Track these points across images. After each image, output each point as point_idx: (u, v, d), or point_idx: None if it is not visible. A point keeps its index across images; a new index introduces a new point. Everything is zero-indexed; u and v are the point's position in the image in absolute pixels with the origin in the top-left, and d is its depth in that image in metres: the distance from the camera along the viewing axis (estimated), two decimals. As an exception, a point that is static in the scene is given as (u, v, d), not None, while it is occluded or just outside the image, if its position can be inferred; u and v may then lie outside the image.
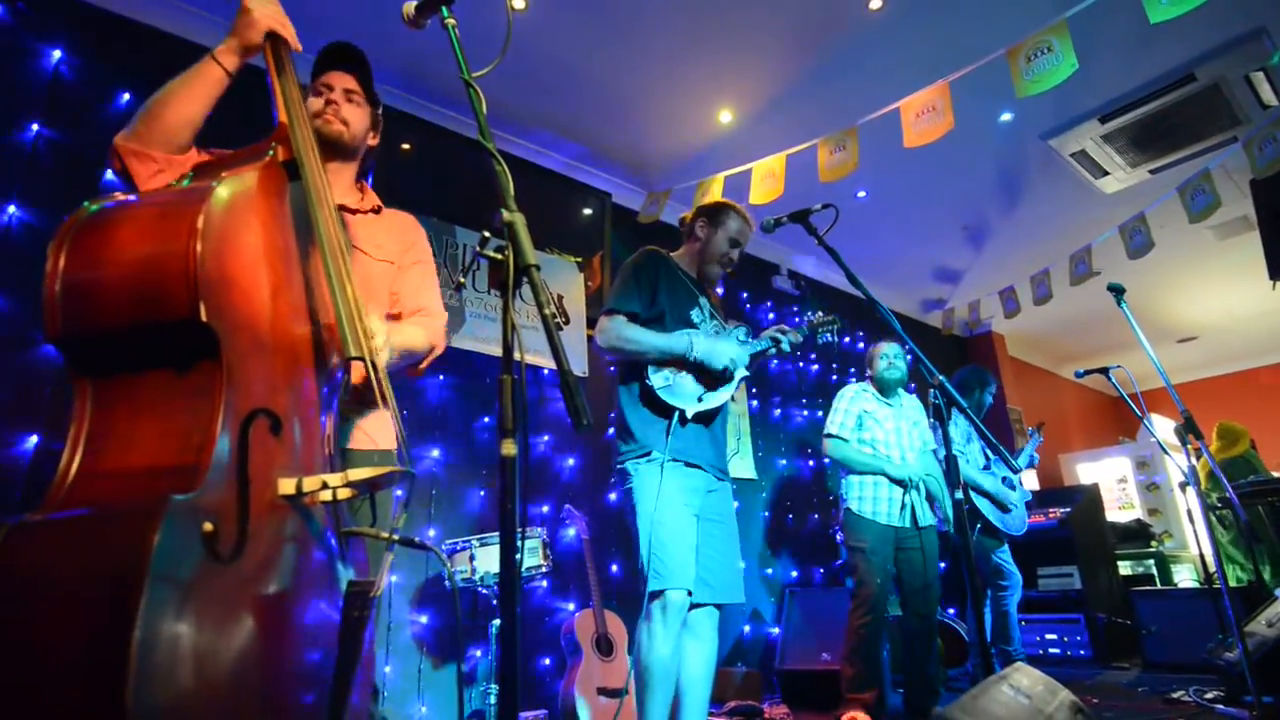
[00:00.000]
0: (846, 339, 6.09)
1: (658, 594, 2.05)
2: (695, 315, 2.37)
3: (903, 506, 3.29)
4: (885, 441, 3.39)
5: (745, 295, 5.27)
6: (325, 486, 1.06)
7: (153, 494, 0.83)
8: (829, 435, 3.49)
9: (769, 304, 5.42)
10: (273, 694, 0.97)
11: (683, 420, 2.19)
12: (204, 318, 0.92)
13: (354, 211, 1.62)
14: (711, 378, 2.27)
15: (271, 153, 1.23)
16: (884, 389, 3.52)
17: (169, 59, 2.90)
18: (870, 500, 3.32)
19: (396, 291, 1.67)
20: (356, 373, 1.50)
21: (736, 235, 2.45)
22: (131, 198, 1.08)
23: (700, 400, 2.23)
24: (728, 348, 2.28)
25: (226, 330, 0.95)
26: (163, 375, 0.95)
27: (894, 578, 3.30)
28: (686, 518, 2.15)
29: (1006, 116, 4.19)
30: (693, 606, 2.15)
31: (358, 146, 1.63)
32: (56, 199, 2.61)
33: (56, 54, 2.74)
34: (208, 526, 0.85)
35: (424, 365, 1.65)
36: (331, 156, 1.57)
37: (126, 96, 2.83)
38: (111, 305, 0.93)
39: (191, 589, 0.82)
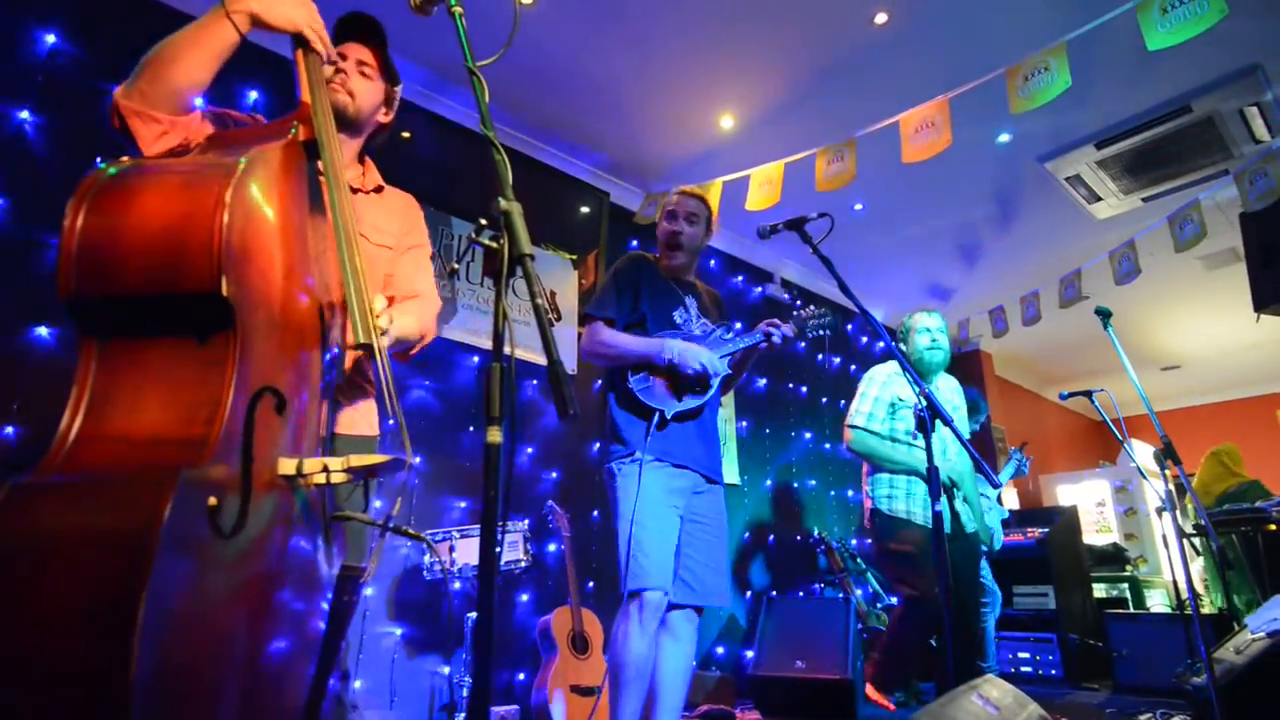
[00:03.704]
0: (836, 334, 6.12)
1: (635, 593, 2.05)
2: (678, 316, 2.37)
3: (945, 511, 2.78)
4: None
5: (737, 302, 5.29)
6: (326, 470, 1.06)
7: (158, 463, 0.82)
8: (853, 426, 2.97)
9: (761, 310, 5.44)
10: (259, 668, 0.98)
11: (662, 421, 2.20)
12: (225, 292, 0.91)
13: (355, 190, 1.62)
14: (688, 380, 2.25)
15: (294, 131, 1.22)
16: (922, 372, 2.99)
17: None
18: (904, 499, 2.85)
19: (392, 274, 1.66)
20: (349, 359, 1.50)
21: (671, 207, 2.43)
22: (154, 163, 1.06)
23: (680, 400, 2.24)
24: (701, 352, 2.24)
25: (243, 306, 0.95)
26: (173, 344, 0.94)
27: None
28: (669, 518, 2.16)
29: (1004, 137, 4.23)
30: (673, 607, 2.16)
31: (363, 121, 1.60)
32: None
33: (51, 37, 2.71)
34: (212, 500, 0.84)
35: (413, 352, 1.65)
36: (337, 128, 1.57)
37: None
38: (130, 270, 0.92)
39: (195, 562, 0.83)
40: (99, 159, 2.60)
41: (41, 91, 2.60)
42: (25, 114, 2.55)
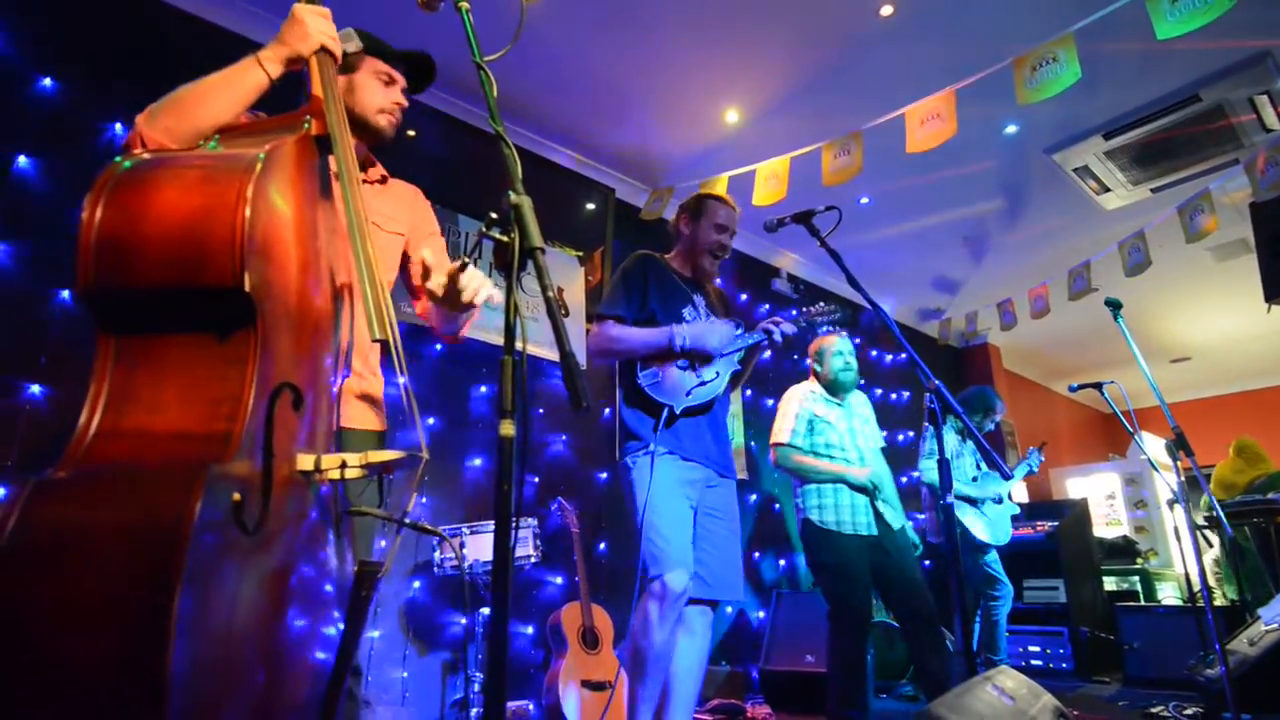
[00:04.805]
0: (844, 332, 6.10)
1: (655, 579, 2.05)
2: (688, 314, 2.37)
3: (870, 514, 3.02)
4: (840, 445, 3.12)
5: (745, 297, 5.28)
6: (343, 465, 1.06)
7: (184, 459, 0.81)
8: (777, 444, 3.19)
9: (767, 306, 5.43)
10: (277, 664, 0.99)
11: (671, 416, 2.20)
12: (247, 287, 0.90)
13: (362, 182, 1.62)
14: (705, 363, 2.28)
15: (306, 125, 1.22)
16: (835, 390, 3.23)
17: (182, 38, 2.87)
18: (833, 509, 3.01)
19: (428, 265, 1.66)
20: (360, 353, 1.50)
21: (723, 221, 2.46)
22: (170, 156, 1.05)
23: (688, 395, 2.24)
24: (714, 332, 2.28)
25: (264, 301, 0.94)
26: (192, 340, 0.93)
27: (873, 586, 3.00)
28: (684, 506, 2.16)
29: (1011, 129, 4.20)
30: (689, 602, 2.14)
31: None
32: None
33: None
34: (236, 496, 0.84)
35: (462, 333, 1.65)
36: (358, 135, 1.59)
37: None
38: (150, 265, 0.91)
39: (220, 558, 0.82)
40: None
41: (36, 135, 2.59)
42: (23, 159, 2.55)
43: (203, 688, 0.78)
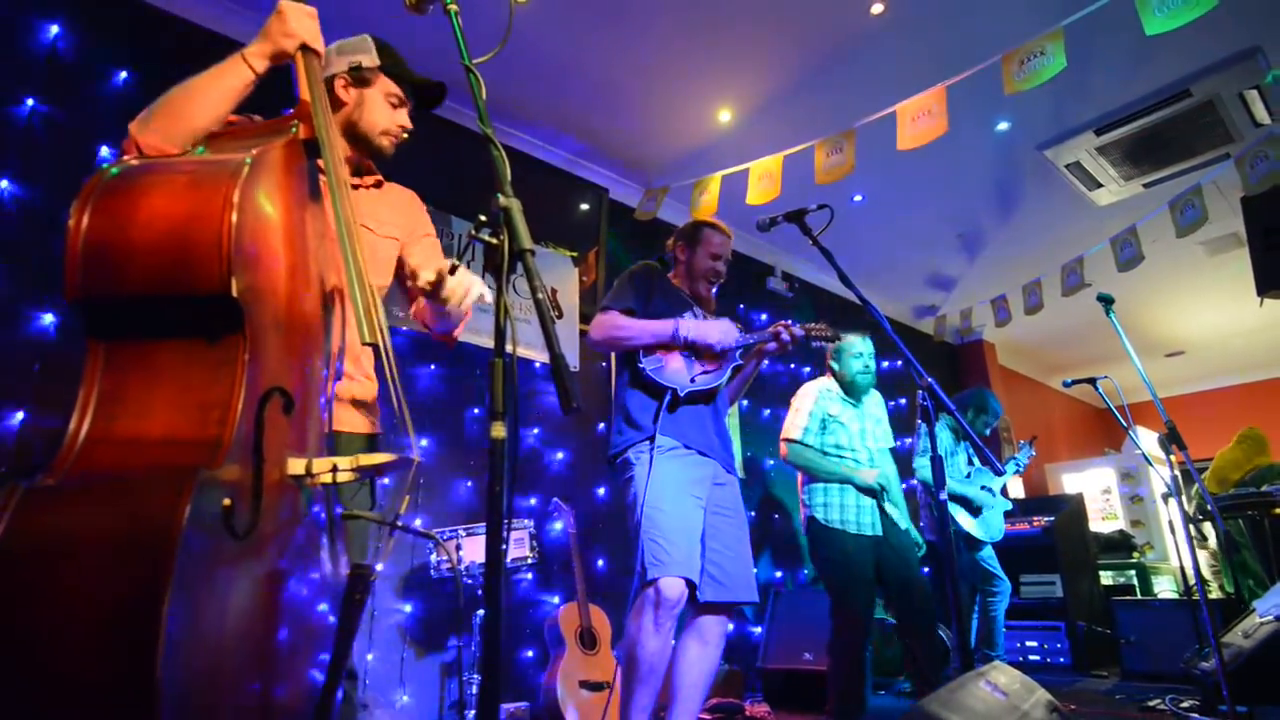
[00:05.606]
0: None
1: (651, 583, 1.99)
2: (689, 317, 2.40)
3: (875, 515, 3.04)
4: (850, 446, 3.14)
5: (739, 298, 5.28)
6: (334, 469, 1.06)
7: (173, 464, 0.81)
8: (788, 440, 3.19)
9: (762, 306, 5.44)
10: (271, 670, 0.98)
11: (675, 400, 2.20)
12: (234, 292, 0.90)
13: (356, 186, 1.62)
14: (705, 359, 2.30)
15: (294, 130, 1.22)
16: (851, 390, 3.25)
17: (167, 38, 2.90)
18: (838, 508, 3.03)
19: (415, 265, 1.65)
20: (352, 357, 1.50)
21: (717, 249, 2.51)
22: (158, 162, 1.05)
23: (693, 381, 2.24)
24: (719, 325, 2.32)
25: (252, 306, 0.94)
26: (181, 345, 0.93)
27: (876, 584, 3.02)
28: (690, 506, 2.11)
29: (1003, 126, 4.22)
30: (705, 608, 2.11)
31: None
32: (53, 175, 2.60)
33: (54, 29, 2.72)
34: (226, 502, 0.84)
35: (457, 333, 1.65)
36: (357, 148, 1.59)
37: (124, 75, 2.81)
38: (138, 271, 0.91)
39: (210, 564, 0.82)
40: (102, 144, 2.65)
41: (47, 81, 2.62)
42: (30, 102, 2.58)
43: (194, 695, 0.78)
